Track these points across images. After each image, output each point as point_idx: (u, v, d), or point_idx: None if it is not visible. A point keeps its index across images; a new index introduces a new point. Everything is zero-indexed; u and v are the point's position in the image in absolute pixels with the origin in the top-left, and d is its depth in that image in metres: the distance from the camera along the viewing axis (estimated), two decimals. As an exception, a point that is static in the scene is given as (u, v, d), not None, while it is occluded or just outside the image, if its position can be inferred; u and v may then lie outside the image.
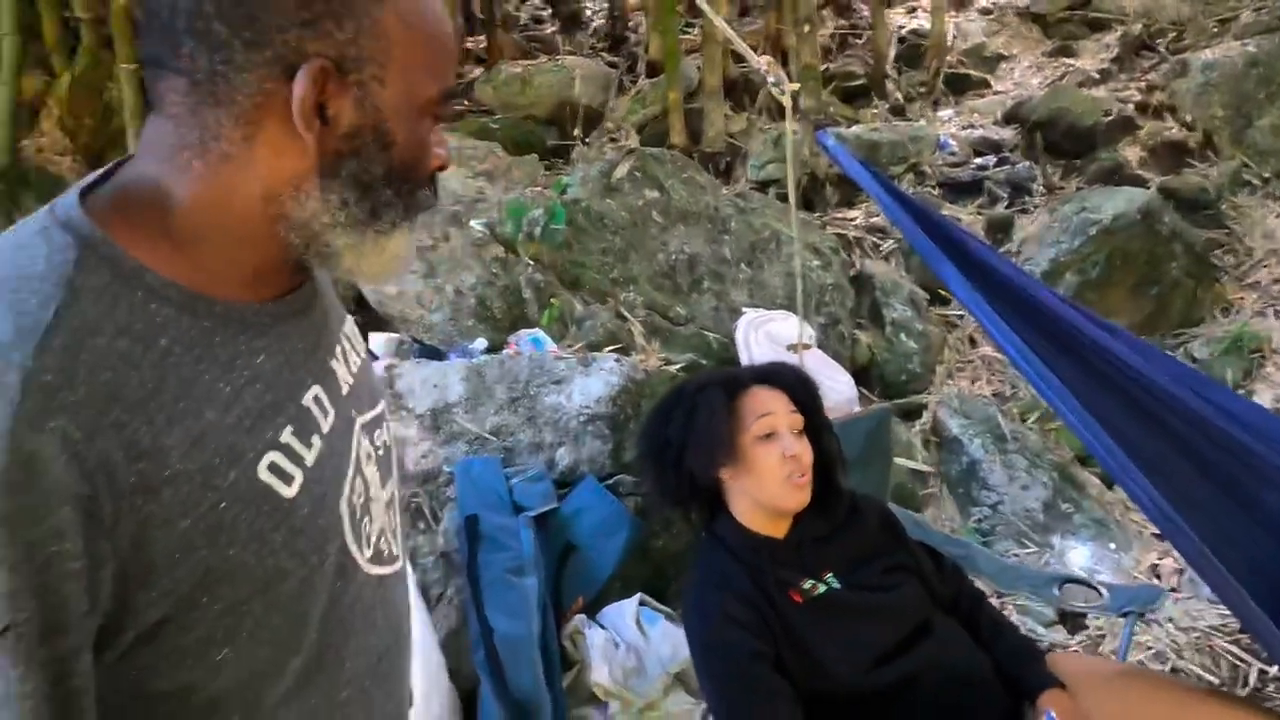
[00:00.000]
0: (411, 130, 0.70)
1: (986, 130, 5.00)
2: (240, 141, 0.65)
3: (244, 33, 0.63)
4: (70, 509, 0.56)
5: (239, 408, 0.66)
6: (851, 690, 1.51)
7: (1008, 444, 3.21)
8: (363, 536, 0.77)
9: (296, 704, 0.72)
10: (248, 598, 0.66)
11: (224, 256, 0.68)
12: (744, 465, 1.59)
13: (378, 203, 0.70)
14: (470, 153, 3.47)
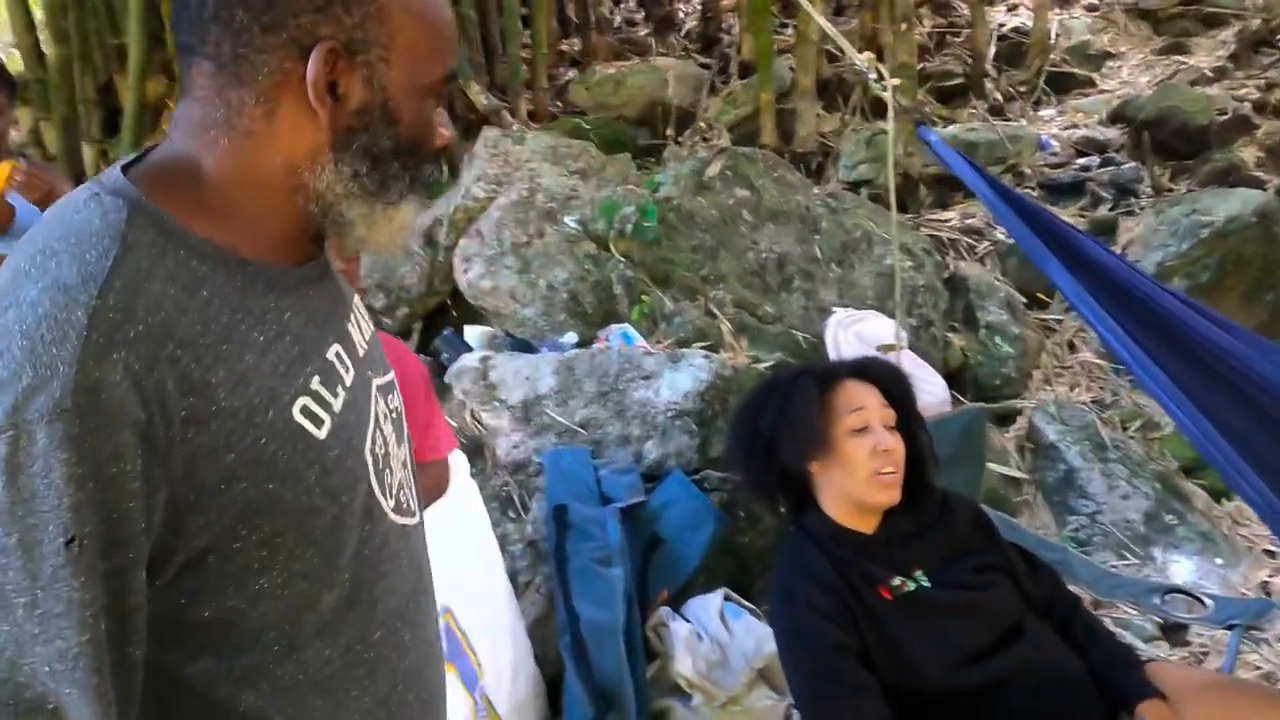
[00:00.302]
0: (416, 108, 0.76)
1: (1090, 130, 4.84)
2: (261, 118, 0.71)
3: (262, 18, 0.69)
4: (130, 433, 0.61)
5: (273, 355, 0.72)
6: (941, 689, 1.50)
7: (1108, 452, 3.10)
8: (385, 486, 0.81)
9: (333, 639, 0.76)
10: (283, 530, 0.71)
11: (252, 224, 0.74)
12: (835, 458, 1.59)
13: (386, 175, 0.76)
14: (565, 151, 3.52)
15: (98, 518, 0.61)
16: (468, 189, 3.32)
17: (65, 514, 0.60)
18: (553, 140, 3.60)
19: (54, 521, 0.60)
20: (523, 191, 3.13)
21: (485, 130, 3.75)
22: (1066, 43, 5.68)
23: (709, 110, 4.83)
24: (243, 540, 0.69)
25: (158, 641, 0.68)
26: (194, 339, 0.66)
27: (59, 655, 0.60)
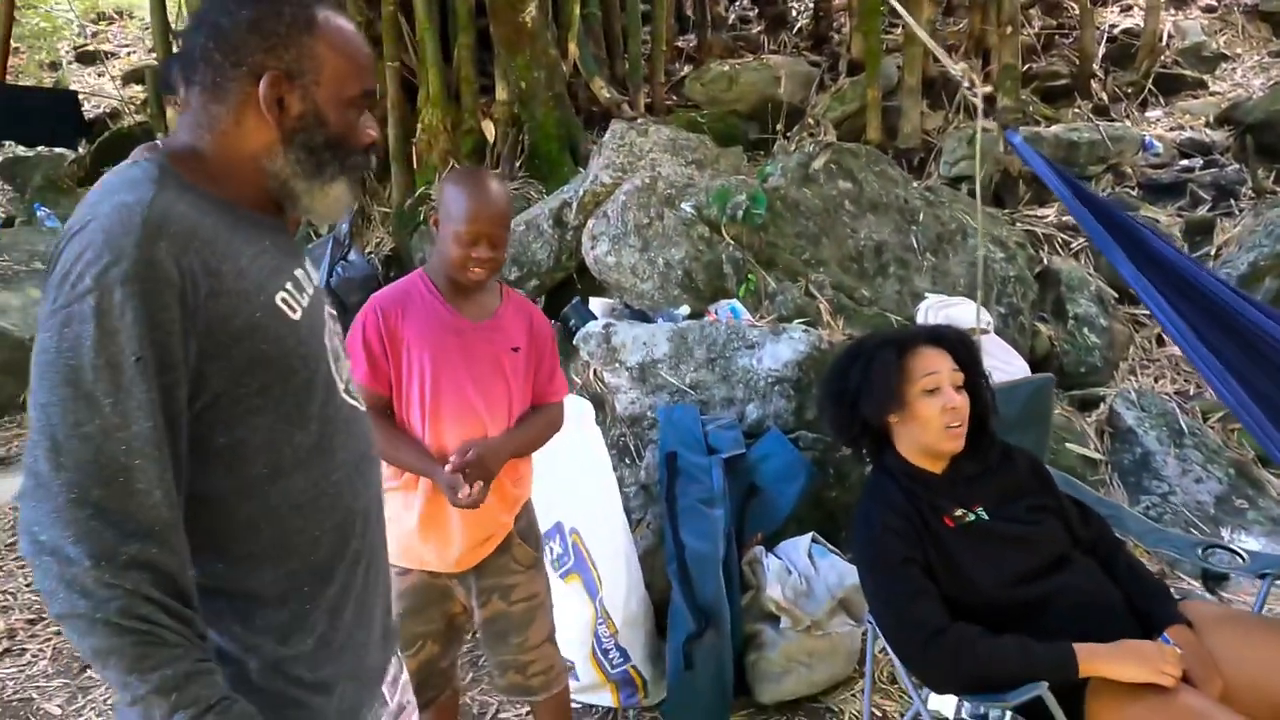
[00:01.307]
0: (341, 115, 1.07)
1: (1196, 132, 4.92)
2: (233, 124, 1.05)
3: (231, 57, 1.03)
4: (172, 294, 0.92)
5: (260, 262, 1.03)
6: (991, 602, 1.78)
7: (1185, 438, 3.29)
8: (338, 372, 1.12)
9: (305, 472, 1.05)
10: (272, 381, 1.01)
11: (235, 188, 1.06)
12: (910, 413, 1.88)
13: (321, 162, 1.07)
14: (683, 143, 3.87)
15: (155, 346, 0.91)
16: (595, 175, 3.69)
17: (134, 341, 0.89)
18: (672, 133, 3.94)
19: (128, 347, 0.89)
20: (645, 179, 3.49)
21: (613, 124, 4.12)
22: (1180, 44, 5.72)
23: (817, 106, 5.10)
24: (245, 386, 0.99)
25: (188, 460, 0.96)
26: (210, 241, 0.97)
27: (134, 436, 0.90)
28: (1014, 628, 1.75)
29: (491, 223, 1.77)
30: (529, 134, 4.85)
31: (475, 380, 1.82)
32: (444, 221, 1.78)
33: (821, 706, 2.47)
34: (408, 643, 1.87)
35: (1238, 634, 1.78)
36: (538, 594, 1.96)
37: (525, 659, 1.95)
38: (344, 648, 1.11)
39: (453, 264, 1.78)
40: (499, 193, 1.82)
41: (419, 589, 1.89)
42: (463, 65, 5.02)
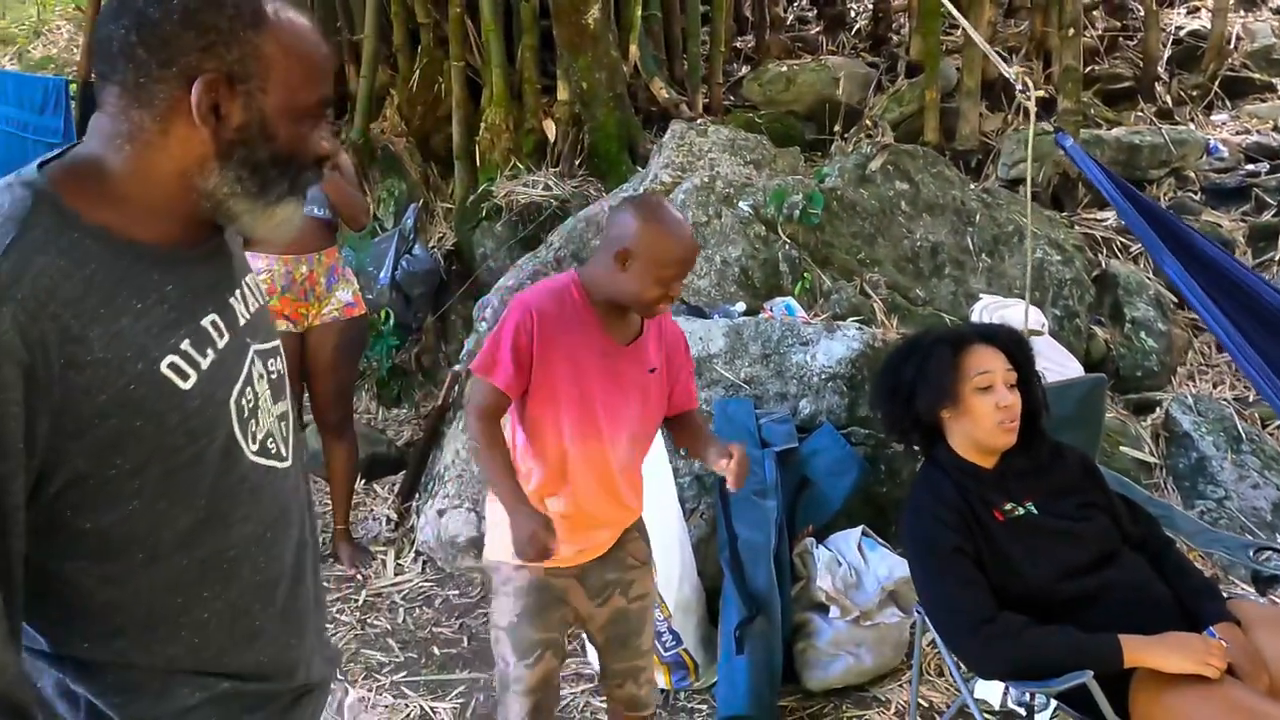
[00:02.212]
0: (292, 127, 0.93)
1: (1263, 136, 4.85)
2: (158, 133, 0.89)
3: (159, 55, 0.87)
4: (14, 369, 0.78)
5: (148, 319, 0.88)
6: (1039, 595, 1.83)
7: (1242, 444, 3.27)
8: (249, 433, 0.97)
9: (189, 552, 0.92)
10: (148, 461, 0.87)
11: (146, 212, 0.91)
12: (963, 409, 1.94)
13: (266, 180, 0.93)
14: (742, 143, 3.94)
15: None
16: (655, 174, 3.78)
17: None
18: (731, 134, 4.01)
19: None
20: (704, 178, 3.57)
21: (673, 124, 4.21)
22: (1249, 46, 5.62)
23: (875, 108, 5.12)
24: (116, 467, 0.86)
25: (44, 543, 0.85)
26: (76, 300, 0.83)
27: None
28: (1062, 620, 1.80)
29: (690, 265, 1.72)
30: (589, 134, 4.95)
31: (607, 405, 1.74)
32: (642, 255, 1.64)
33: (869, 695, 2.53)
34: (525, 650, 1.77)
35: (1284, 633, 1.81)
36: (649, 594, 1.91)
37: (640, 665, 1.89)
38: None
39: (643, 301, 1.68)
40: (692, 231, 1.76)
41: (539, 588, 1.78)
42: (526, 66, 5.13)
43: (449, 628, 3.00)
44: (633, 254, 1.65)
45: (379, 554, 3.43)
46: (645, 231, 1.66)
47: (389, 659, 2.84)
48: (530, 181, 4.82)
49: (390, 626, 3.02)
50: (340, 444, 3.34)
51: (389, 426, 4.52)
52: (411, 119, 5.64)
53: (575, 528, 1.76)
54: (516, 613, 1.77)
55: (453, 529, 3.28)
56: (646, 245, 1.65)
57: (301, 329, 3.13)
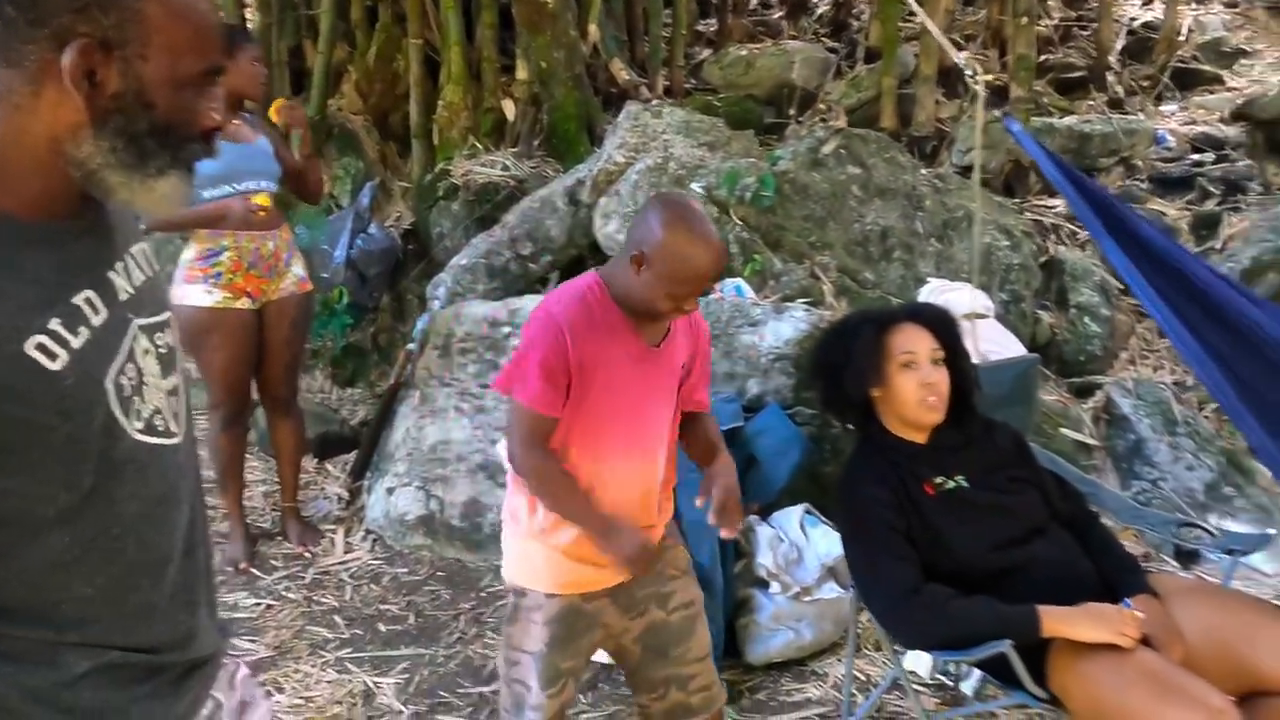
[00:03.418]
0: (174, 97, 0.88)
1: (1210, 127, 4.95)
2: (28, 96, 0.84)
3: (29, 14, 0.82)
4: None
5: (15, 300, 0.84)
6: (967, 567, 1.88)
7: (1178, 427, 3.35)
8: (132, 410, 0.93)
9: (71, 529, 0.90)
10: (19, 443, 0.84)
11: (14, 180, 0.86)
12: (889, 387, 1.97)
13: (144, 152, 0.88)
14: (696, 125, 3.95)
15: None
16: (609, 154, 3.78)
17: None
18: (686, 115, 4.02)
19: None
20: (657, 159, 3.58)
21: (628, 104, 4.21)
22: (1199, 39, 5.73)
23: (832, 93, 5.15)
24: None
25: None
26: None
27: None
28: (988, 593, 1.84)
29: (708, 282, 1.62)
30: (548, 113, 4.93)
31: (646, 413, 1.67)
32: (657, 265, 1.55)
33: (807, 670, 2.57)
34: (550, 680, 1.69)
35: (1203, 604, 1.87)
36: (694, 602, 1.81)
37: (687, 672, 1.78)
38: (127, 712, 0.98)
39: (652, 311, 1.61)
40: (722, 246, 1.63)
41: (568, 616, 1.69)
42: (485, 44, 5.10)
43: (396, 605, 3.00)
44: (649, 260, 1.55)
45: (328, 532, 3.42)
46: (666, 240, 1.55)
47: (334, 635, 2.84)
48: (488, 161, 4.79)
49: (337, 604, 3.02)
50: (288, 421, 3.32)
51: (343, 406, 4.50)
52: (369, 96, 5.59)
53: (588, 548, 1.65)
54: (546, 640, 1.69)
55: (402, 507, 3.29)
56: (664, 255, 1.55)
57: (259, 305, 3.10)
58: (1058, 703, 1.79)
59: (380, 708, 2.51)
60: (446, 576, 3.15)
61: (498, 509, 3.18)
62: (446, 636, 2.83)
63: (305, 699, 2.54)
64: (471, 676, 2.63)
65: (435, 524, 3.23)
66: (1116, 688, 1.66)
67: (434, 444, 3.32)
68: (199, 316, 2.97)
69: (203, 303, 2.96)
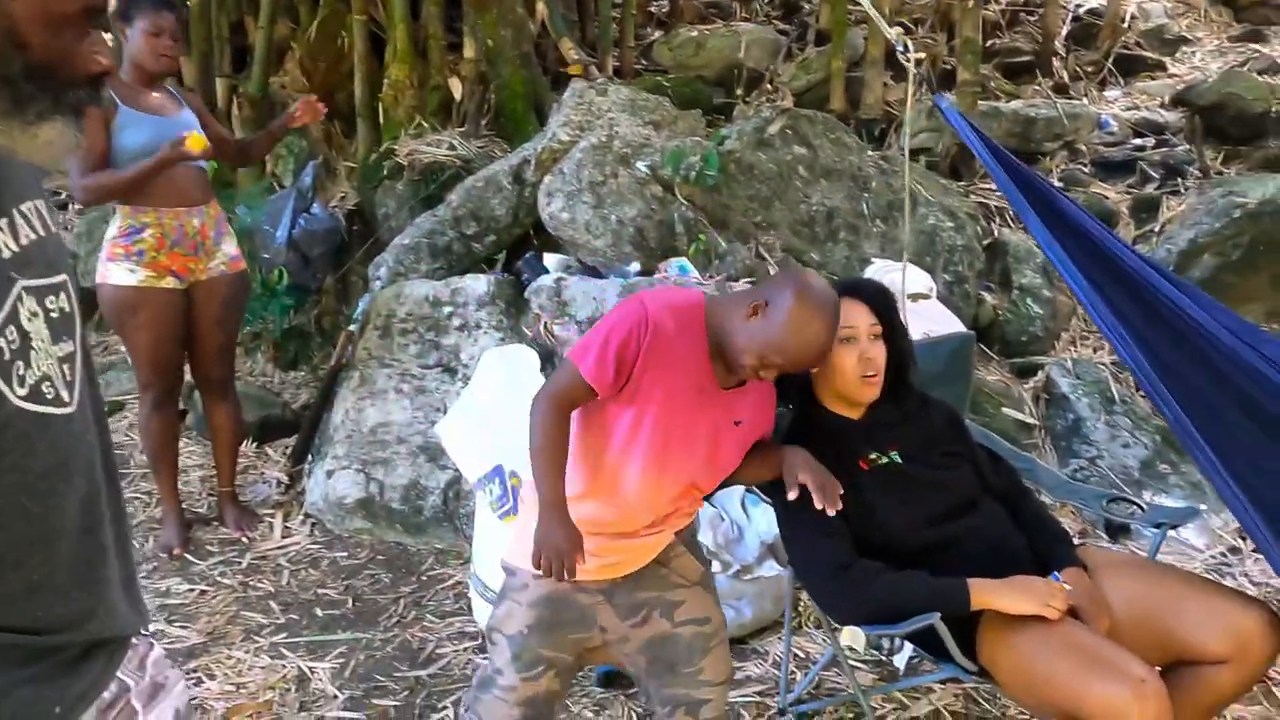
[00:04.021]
0: (50, 37, 0.83)
1: (1151, 112, 5.02)
2: None
3: None
4: None
5: None
6: (900, 542, 1.88)
7: (1115, 406, 3.40)
8: (14, 376, 0.88)
9: None
10: None
11: None
12: (827, 363, 1.96)
13: (20, 95, 0.83)
14: (642, 104, 3.91)
15: None
16: (554, 133, 3.74)
17: None
18: (632, 94, 3.98)
19: None
20: (602, 137, 3.54)
21: (572, 82, 4.16)
22: (1143, 25, 5.81)
23: (782, 75, 5.14)
24: None
25: None
26: None
27: None
28: (922, 567, 1.85)
29: (799, 366, 1.63)
30: (495, 93, 4.86)
31: (683, 441, 1.64)
32: (770, 322, 1.56)
33: (748, 648, 2.57)
34: (529, 663, 1.67)
35: (1130, 577, 1.89)
36: (711, 619, 1.74)
37: (700, 696, 1.71)
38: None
39: (737, 361, 1.60)
40: (827, 346, 1.63)
41: (555, 601, 1.67)
42: (430, 22, 5.01)
43: (334, 589, 2.95)
44: (766, 314, 1.57)
45: (267, 517, 3.35)
46: (793, 308, 1.55)
47: (269, 621, 2.79)
48: (435, 140, 4.71)
49: (273, 589, 2.96)
50: (224, 404, 3.24)
51: (285, 389, 4.42)
52: (313, 74, 5.46)
53: (605, 539, 1.66)
54: (528, 624, 1.67)
55: (341, 490, 3.23)
56: (782, 319, 1.56)
57: (187, 285, 3.02)
58: (987, 675, 1.81)
59: (314, 693, 2.47)
60: (387, 560, 3.10)
61: (438, 491, 3.15)
62: (385, 620, 2.78)
63: (237, 685, 2.49)
64: (408, 660, 2.59)
65: (375, 507, 3.18)
66: (1043, 659, 1.67)
67: (374, 426, 3.26)
68: (122, 295, 2.88)
69: (125, 281, 2.87)
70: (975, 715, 2.28)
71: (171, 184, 2.88)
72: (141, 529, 3.30)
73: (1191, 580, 1.87)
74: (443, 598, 2.88)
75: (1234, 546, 2.95)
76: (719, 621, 1.76)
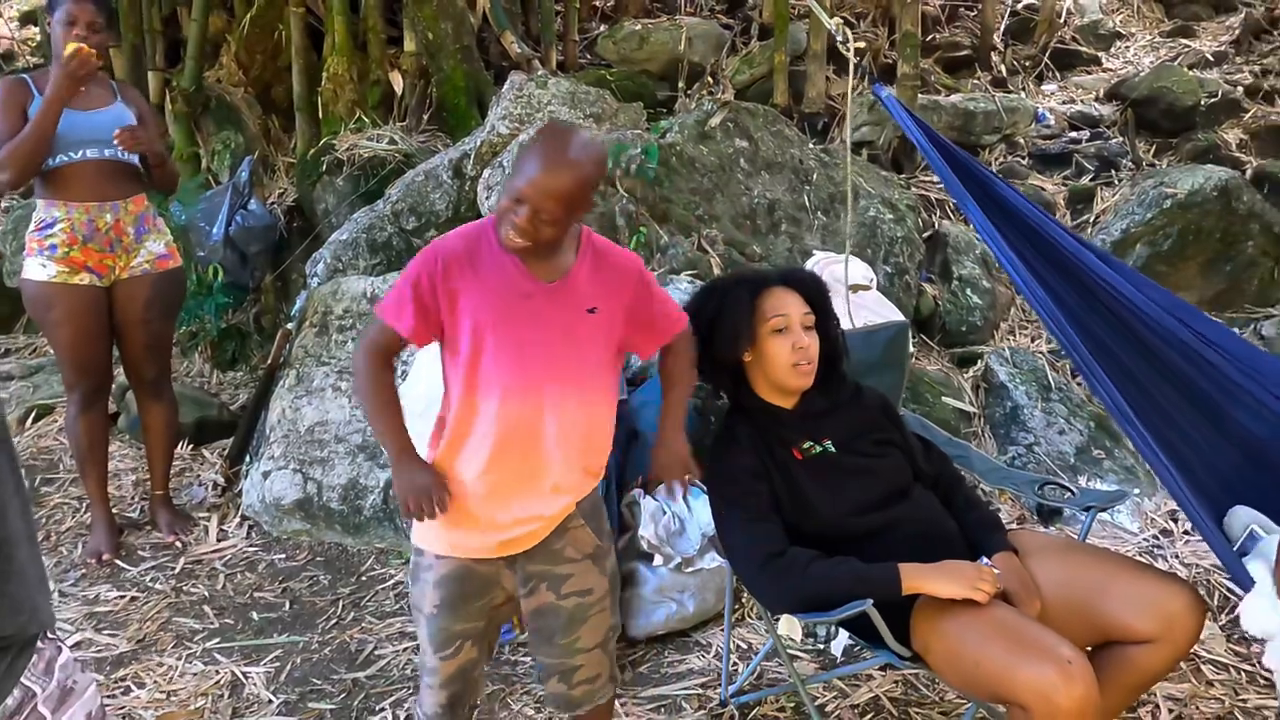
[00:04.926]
0: None
1: (1086, 106, 5.12)
2: None
3: None
4: None
5: None
6: (833, 530, 1.88)
7: (1051, 393, 3.46)
8: None
9: None
10: None
11: None
12: (760, 351, 1.96)
13: None
14: (582, 97, 3.88)
15: None
16: (493, 126, 3.69)
17: None
18: (572, 87, 3.95)
19: None
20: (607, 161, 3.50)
21: (512, 75, 4.12)
22: (1078, 21, 5.92)
23: (726, 69, 5.15)
24: None
25: None
26: None
27: None
28: (855, 554, 1.84)
29: (547, 195, 1.50)
30: (436, 86, 4.80)
31: (540, 348, 1.59)
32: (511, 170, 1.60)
33: (691, 640, 2.57)
34: (443, 643, 1.69)
35: (1059, 559, 1.91)
36: (593, 589, 1.73)
37: (573, 663, 1.74)
38: None
39: (502, 214, 1.55)
40: (578, 164, 1.52)
41: (459, 578, 1.67)
42: (370, 15, 4.94)
43: (271, 592, 2.89)
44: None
45: (202, 520, 3.27)
46: (523, 145, 1.58)
47: (203, 626, 2.72)
48: (375, 135, 4.64)
49: (208, 593, 2.89)
50: (157, 404, 3.16)
51: (224, 390, 4.32)
52: (250, 67, 5.35)
53: (488, 501, 1.62)
54: (436, 603, 1.67)
55: (278, 491, 3.16)
56: (517, 154, 1.58)
57: (108, 282, 2.93)
58: (921, 660, 1.81)
59: (248, 698, 2.41)
60: (325, 561, 3.05)
61: (378, 490, 3.10)
62: (323, 623, 2.73)
63: (167, 693, 2.42)
64: (346, 663, 2.54)
65: (313, 508, 3.12)
66: (973, 643, 1.68)
67: (311, 425, 3.20)
68: (37, 291, 2.80)
69: (38, 276, 2.79)
70: (914, 700, 2.30)
71: (82, 178, 2.80)
72: (70, 535, 3.21)
73: (1119, 562, 1.90)
74: (383, 598, 2.84)
75: (1166, 529, 3.01)
76: (603, 590, 1.75)
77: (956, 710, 2.23)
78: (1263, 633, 1.63)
